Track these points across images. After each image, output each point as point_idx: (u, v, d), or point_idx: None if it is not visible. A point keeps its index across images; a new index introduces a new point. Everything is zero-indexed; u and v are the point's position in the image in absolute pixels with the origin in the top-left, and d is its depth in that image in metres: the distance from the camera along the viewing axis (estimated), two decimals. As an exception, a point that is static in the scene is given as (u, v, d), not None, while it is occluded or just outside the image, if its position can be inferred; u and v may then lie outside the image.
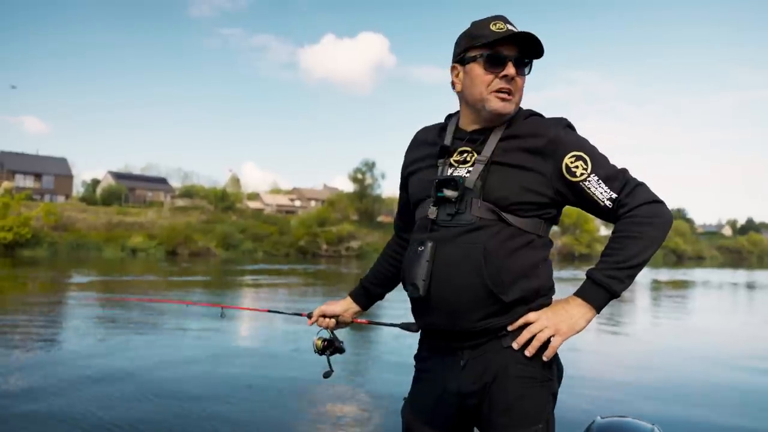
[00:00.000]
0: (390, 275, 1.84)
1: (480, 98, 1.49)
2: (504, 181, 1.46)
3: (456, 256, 1.45)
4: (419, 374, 1.64)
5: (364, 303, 1.88)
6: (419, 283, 1.47)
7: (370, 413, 4.62)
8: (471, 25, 1.54)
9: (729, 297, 18.47)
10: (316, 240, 48.63)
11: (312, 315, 1.87)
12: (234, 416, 4.38)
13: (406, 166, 1.70)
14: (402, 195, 1.78)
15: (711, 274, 32.84)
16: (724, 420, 4.62)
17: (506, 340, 1.47)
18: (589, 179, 1.46)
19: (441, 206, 1.50)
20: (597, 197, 1.46)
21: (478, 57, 1.48)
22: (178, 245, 41.92)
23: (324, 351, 1.86)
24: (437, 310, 1.49)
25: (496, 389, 1.46)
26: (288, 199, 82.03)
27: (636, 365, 6.90)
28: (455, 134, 1.58)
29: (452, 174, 1.51)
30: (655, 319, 12.04)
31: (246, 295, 14.96)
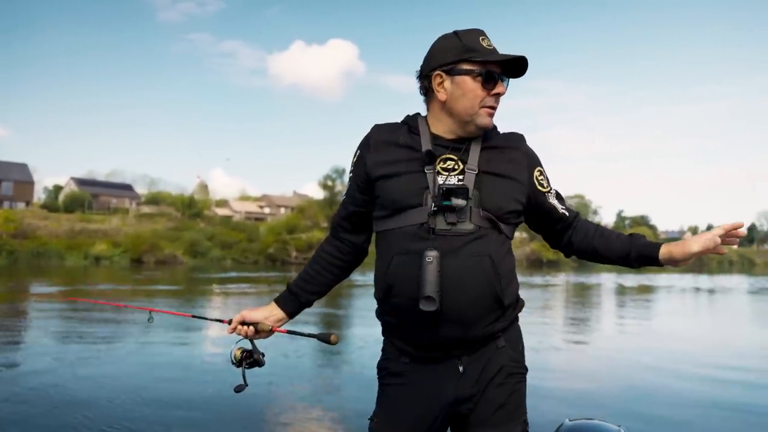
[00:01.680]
0: (325, 281, 1.73)
1: (471, 112, 1.52)
2: (496, 190, 1.53)
3: (464, 265, 1.46)
4: (393, 391, 1.59)
5: (291, 310, 1.73)
6: (435, 295, 1.42)
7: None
8: (458, 36, 1.53)
9: (693, 302, 18.93)
10: (286, 247, 48.23)
11: (232, 321, 1.72)
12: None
13: (372, 167, 1.56)
14: (357, 197, 1.63)
15: (674, 279, 33.67)
16: (689, 420, 4.70)
17: (501, 340, 1.56)
18: (550, 192, 1.67)
19: (440, 215, 1.47)
20: (556, 206, 1.67)
21: (474, 72, 1.50)
22: (144, 253, 41.05)
23: (241, 363, 1.71)
24: (450, 322, 1.47)
25: (491, 389, 1.53)
26: (257, 205, 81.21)
27: (603, 368, 6.99)
28: (434, 140, 1.55)
29: (445, 182, 1.50)
30: (621, 322, 12.25)
31: (214, 304, 14.70)
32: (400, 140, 1.57)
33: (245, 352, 1.72)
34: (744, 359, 7.79)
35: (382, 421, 1.60)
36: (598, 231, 1.71)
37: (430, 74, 1.54)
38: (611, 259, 1.70)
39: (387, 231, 1.55)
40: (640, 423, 4.53)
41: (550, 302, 16.42)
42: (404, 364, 1.57)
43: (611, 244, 1.68)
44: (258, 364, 1.73)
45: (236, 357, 1.71)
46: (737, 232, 1.58)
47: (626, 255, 1.67)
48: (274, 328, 1.72)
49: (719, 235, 1.57)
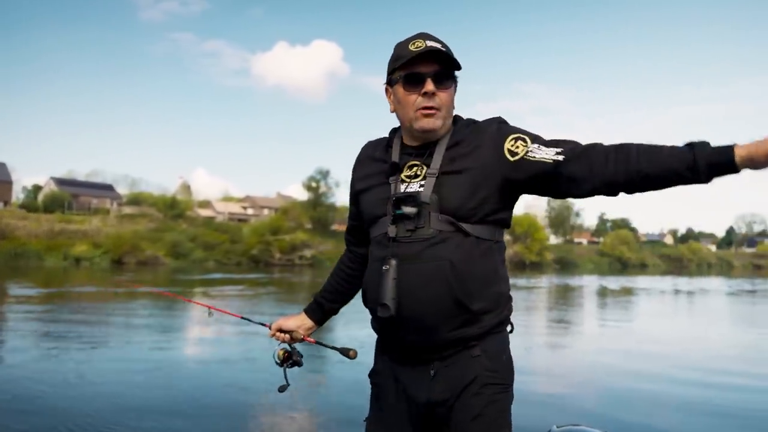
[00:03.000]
0: (344, 290, 1.84)
1: (408, 118, 1.53)
2: (456, 188, 1.48)
3: (422, 271, 1.46)
4: (380, 391, 1.64)
5: (318, 318, 1.88)
6: (389, 302, 1.46)
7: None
8: (395, 47, 1.57)
9: (674, 304, 19.18)
10: (269, 248, 47.95)
11: (272, 327, 1.88)
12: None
13: (355, 182, 1.69)
14: (352, 211, 1.76)
15: (655, 281, 34.08)
16: (673, 426, 4.74)
17: (475, 350, 1.50)
18: (530, 150, 1.45)
19: (399, 223, 1.50)
20: (544, 159, 1.42)
21: (399, 78, 1.52)
22: (125, 254, 40.55)
23: (284, 363, 1.85)
24: (408, 328, 1.50)
25: (466, 398, 1.49)
26: (240, 206, 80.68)
27: (587, 371, 7.04)
28: (402, 150, 1.59)
29: (406, 190, 1.52)
30: (603, 324, 12.36)
31: (197, 305, 14.56)
32: (376, 154, 1.64)
33: (287, 353, 1.86)
34: (723, 361, 7.91)
35: (371, 420, 1.65)
36: (642, 151, 1.32)
37: (385, 91, 1.62)
38: (670, 181, 1.30)
39: (370, 241, 1.63)
40: (625, 429, 4.55)
41: (533, 304, 16.53)
42: (386, 362, 1.62)
43: (666, 163, 1.29)
44: (297, 364, 1.87)
45: (279, 357, 1.86)
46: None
47: (690, 168, 1.26)
48: (305, 337, 1.86)
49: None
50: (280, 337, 1.87)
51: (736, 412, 5.14)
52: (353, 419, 4.42)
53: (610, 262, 69.59)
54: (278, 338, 1.87)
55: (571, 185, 1.42)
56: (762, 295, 23.22)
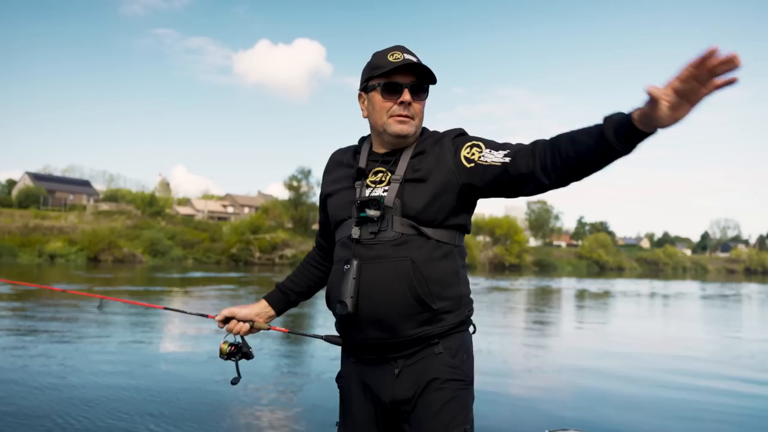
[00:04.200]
0: (311, 285, 1.88)
1: (381, 123, 1.60)
2: (418, 195, 1.55)
3: (383, 270, 1.52)
4: (346, 394, 1.68)
5: (280, 309, 1.86)
6: (347, 300, 1.51)
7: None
8: (372, 56, 1.65)
9: (652, 307, 19.45)
10: (249, 247, 47.67)
11: (219, 317, 1.80)
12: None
13: (324, 187, 1.76)
14: (321, 215, 1.82)
15: (632, 284, 34.56)
16: (658, 428, 4.79)
17: (438, 347, 1.55)
18: (483, 155, 1.53)
19: (363, 225, 1.56)
20: (494, 162, 1.49)
21: (377, 86, 1.60)
22: (101, 251, 39.99)
23: (231, 356, 1.77)
24: (368, 325, 1.54)
25: (429, 393, 1.53)
26: (220, 205, 79.99)
27: (579, 376, 7.09)
28: (369, 156, 1.66)
29: (370, 194, 1.58)
30: (586, 327, 12.49)
31: (173, 303, 14.38)
32: (344, 160, 1.72)
33: (233, 345, 1.77)
34: (703, 364, 8.03)
35: (341, 424, 1.68)
36: (564, 138, 1.38)
37: (358, 97, 1.69)
38: (592, 158, 1.33)
39: (335, 243, 1.69)
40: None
41: (512, 306, 16.64)
42: (352, 364, 1.65)
43: (582, 140, 1.33)
44: (247, 356, 1.78)
45: (223, 351, 1.77)
46: (716, 58, 1.09)
47: (601, 138, 1.28)
48: (273, 327, 1.83)
49: (682, 79, 1.14)
50: (233, 328, 1.76)
51: (719, 416, 5.21)
52: (328, 421, 4.40)
53: (588, 265, 70.44)
54: (231, 329, 1.76)
55: (519, 184, 1.47)
56: (734, 299, 23.68)
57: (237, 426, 4.41)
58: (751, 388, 6.41)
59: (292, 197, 58.14)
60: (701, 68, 1.12)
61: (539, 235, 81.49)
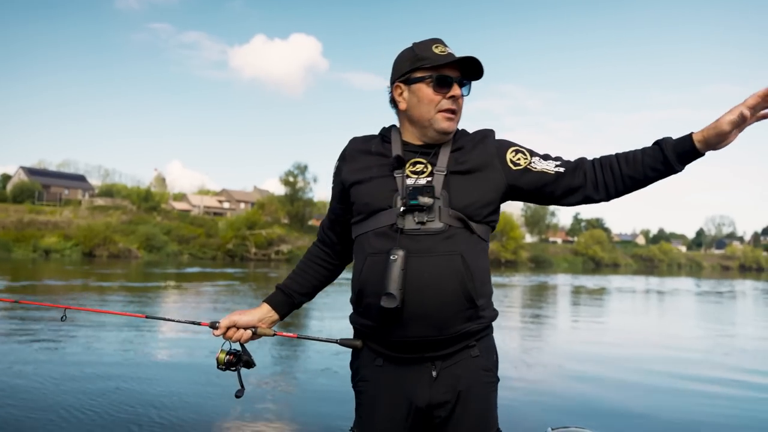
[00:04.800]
0: (317, 283, 1.78)
1: (428, 117, 1.56)
2: (466, 188, 1.54)
3: (434, 264, 1.47)
4: (370, 397, 1.58)
5: (285, 312, 1.75)
6: (395, 292, 1.43)
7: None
8: (414, 47, 1.60)
9: (649, 303, 19.51)
10: (245, 243, 47.58)
11: (217, 325, 1.67)
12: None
13: (347, 175, 1.62)
14: (336, 207, 1.71)
15: (629, 281, 34.67)
16: (672, 422, 4.79)
17: (475, 350, 1.55)
18: (532, 162, 1.61)
19: (409, 215, 1.49)
20: (546, 170, 1.60)
21: (426, 78, 1.55)
22: (97, 246, 39.86)
23: (230, 366, 1.64)
24: (414, 321, 1.47)
25: (469, 400, 1.52)
26: (216, 200, 79.81)
27: (579, 372, 7.09)
28: (404, 147, 1.60)
29: (415, 183, 1.53)
30: (587, 324, 12.52)
31: (167, 300, 14.35)
32: (372, 149, 1.63)
33: (232, 354, 1.65)
34: (702, 360, 8.06)
35: (361, 429, 1.59)
36: (622, 159, 1.54)
37: (392, 87, 1.63)
38: (652, 179, 1.52)
39: (361, 235, 1.58)
40: (623, 427, 4.55)
41: (509, 303, 16.67)
42: (377, 367, 1.57)
43: (644, 162, 1.50)
44: (248, 365, 1.67)
45: (221, 361, 1.65)
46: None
47: (663, 161, 1.48)
48: (279, 333, 1.73)
49: (750, 107, 1.39)
50: (233, 336, 1.66)
51: (714, 409, 5.23)
52: (332, 428, 4.37)
53: (584, 261, 70.64)
54: (229, 337, 1.66)
55: (567, 194, 1.60)
56: (729, 296, 23.78)
57: (238, 416, 4.39)
58: (743, 382, 6.44)
59: (288, 193, 58.00)
60: (763, 99, 1.38)
61: (535, 232, 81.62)
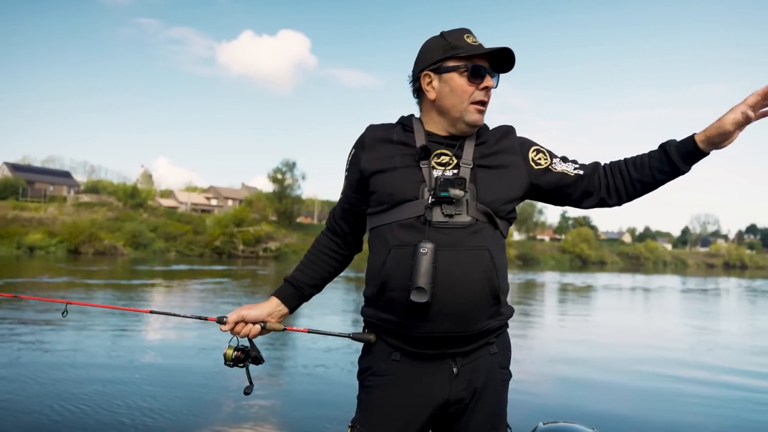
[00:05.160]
0: (326, 275, 1.72)
1: (460, 108, 1.53)
2: (493, 182, 1.52)
3: (464, 258, 1.45)
4: (386, 389, 1.53)
5: (294, 306, 1.70)
6: (426, 286, 1.40)
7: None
8: (444, 36, 1.56)
9: (637, 301, 19.68)
10: (233, 240, 47.30)
11: (225, 320, 1.62)
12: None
13: (367, 163, 1.56)
14: (350, 196, 1.64)
15: (615, 278, 34.95)
16: (658, 420, 4.82)
17: (493, 347, 1.56)
18: (553, 163, 1.62)
19: (436, 207, 1.46)
20: (566, 171, 1.62)
21: (460, 68, 1.52)
22: (82, 243, 39.43)
23: (239, 362, 1.59)
24: (442, 316, 1.45)
25: (484, 394, 1.53)
26: (204, 197, 79.33)
27: (567, 368, 7.12)
28: (428, 137, 1.56)
29: (444, 175, 1.50)
30: (574, 321, 12.58)
31: (154, 297, 14.22)
32: (394, 137, 1.58)
33: (240, 350, 1.60)
34: (686, 356, 8.13)
35: (367, 426, 1.53)
36: (630, 164, 1.59)
37: (419, 75, 1.57)
38: (661, 181, 1.58)
39: (383, 226, 1.53)
40: (609, 424, 4.57)
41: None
42: (394, 362, 1.53)
43: (651, 166, 1.56)
44: (257, 361, 1.62)
45: (229, 357, 1.59)
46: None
47: (669, 164, 1.53)
48: (290, 327, 1.69)
49: (751, 105, 1.44)
50: (242, 331, 1.60)
51: (696, 400, 5.26)
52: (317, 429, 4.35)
53: (571, 259, 71.09)
54: (238, 332, 1.61)
55: (584, 197, 1.62)
56: (714, 294, 24.05)
57: (231, 414, 4.35)
58: (726, 382, 6.50)
59: (276, 190, 57.76)
60: (764, 98, 1.43)
61: (523, 230, 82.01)
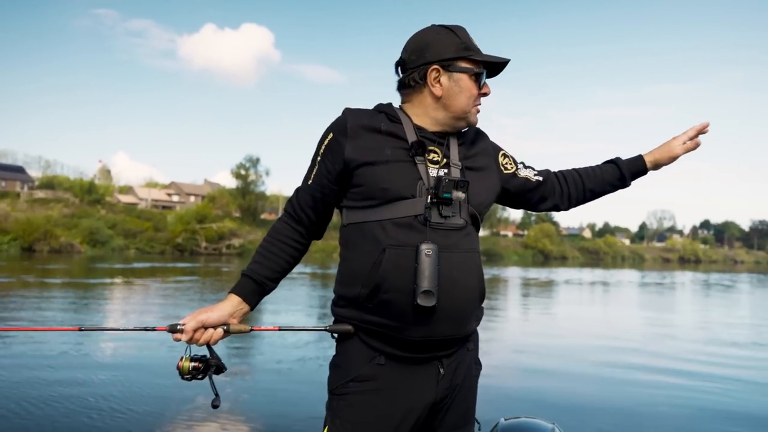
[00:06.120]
0: (287, 266, 1.57)
1: (466, 110, 1.52)
2: (480, 184, 1.54)
3: (460, 261, 1.44)
4: (368, 394, 1.44)
5: (255, 301, 1.54)
6: (434, 290, 1.36)
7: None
8: (455, 32, 1.50)
9: (597, 294, 20.14)
10: (195, 237, 46.53)
11: (180, 327, 1.43)
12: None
13: (354, 152, 1.44)
14: (325, 185, 1.50)
15: (577, 273, 35.70)
16: (615, 407, 4.94)
17: (470, 344, 1.58)
18: (518, 168, 1.70)
19: (435, 207, 1.42)
20: (528, 177, 1.70)
21: (471, 71, 1.50)
22: (37, 241, 38.17)
23: (198, 374, 1.41)
24: (443, 319, 1.42)
25: (462, 392, 1.55)
26: (165, 193, 77.74)
27: (531, 364, 7.22)
28: (417, 131, 1.50)
29: (447, 175, 1.47)
30: (536, 316, 12.79)
31: (115, 295, 13.86)
32: (382, 127, 1.48)
33: (199, 361, 1.41)
34: (647, 344, 8.36)
35: (348, 430, 1.44)
36: (584, 174, 1.77)
37: (426, 67, 1.49)
38: (608, 192, 1.79)
39: (371, 222, 1.44)
40: (570, 419, 4.62)
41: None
42: (377, 366, 1.45)
43: (603, 179, 1.76)
44: (219, 369, 1.44)
45: (185, 370, 1.40)
46: (705, 130, 1.75)
47: (620, 178, 1.76)
48: (257, 328, 1.58)
49: (692, 136, 1.74)
50: (202, 338, 1.43)
51: (655, 391, 5.42)
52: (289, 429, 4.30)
53: (534, 254, 72.36)
54: (197, 340, 1.43)
55: (540, 201, 1.73)
56: (669, 287, 24.84)
57: (200, 414, 4.26)
58: (680, 370, 6.72)
59: (239, 186, 57.09)
60: (699, 132, 1.74)
61: (486, 225, 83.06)
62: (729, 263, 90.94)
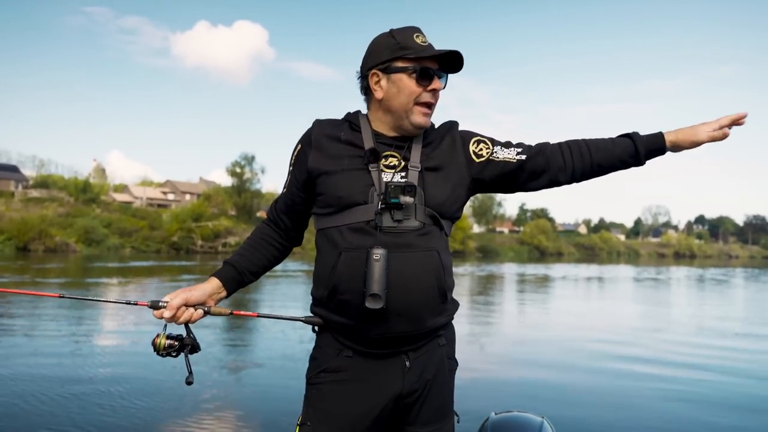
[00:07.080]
0: (267, 263, 1.70)
1: (406, 109, 1.53)
2: (439, 186, 1.54)
3: (414, 261, 1.47)
4: (338, 385, 1.53)
5: (233, 289, 1.64)
6: (381, 293, 1.41)
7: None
8: (393, 34, 1.55)
9: (594, 291, 20.21)
10: (191, 235, 46.44)
11: (161, 305, 1.49)
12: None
13: (315, 162, 1.53)
14: (295, 193, 1.61)
15: (573, 269, 35.79)
16: (609, 410, 4.98)
17: (442, 338, 1.60)
18: (494, 152, 1.62)
19: (386, 212, 1.47)
20: (507, 158, 1.61)
21: (408, 69, 1.51)
22: (32, 240, 38.02)
23: (173, 351, 1.47)
24: (396, 318, 1.47)
25: (434, 385, 1.57)
26: (160, 192, 77.51)
27: (522, 359, 7.26)
28: (376, 137, 1.56)
29: (391, 180, 1.51)
30: (535, 312, 12.84)
31: (108, 294, 13.84)
32: (342, 136, 1.55)
33: (175, 339, 1.49)
34: (641, 340, 8.41)
35: (317, 422, 1.53)
36: (593, 146, 1.62)
37: (368, 73, 1.56)
38: (618, 168, 1.63)
39: (331, 228, 1.52)
40: (561, 413, 4.65)
41: (457, 292, 16.92)
42: (346, 358, 1.54)
43: (614, 152, 1.60)
44: (195, 349, 1.52)
45: (160, 346, 1.47)
46: (741, 121, 1.57)
47: (633, 155, 1.59)
48: (237, 312, 1.63)
49: (725, 125, 1.56)
50: (183, 317, 1.50)
51: (650, 386, 5.46)
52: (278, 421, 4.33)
53: (530, 251, 72.51)
54: (178, 318, 1.50)
55: (531, 180, 1.63)
56: (664, 282, 24.94)
57: (190, 407, 4.29)
58: (675, 362, 6.77)
59: (235, 184, 56.93)
60: (733, 122, 1.56)
61: (482, 222, 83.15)
62: (724, 258, 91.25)
